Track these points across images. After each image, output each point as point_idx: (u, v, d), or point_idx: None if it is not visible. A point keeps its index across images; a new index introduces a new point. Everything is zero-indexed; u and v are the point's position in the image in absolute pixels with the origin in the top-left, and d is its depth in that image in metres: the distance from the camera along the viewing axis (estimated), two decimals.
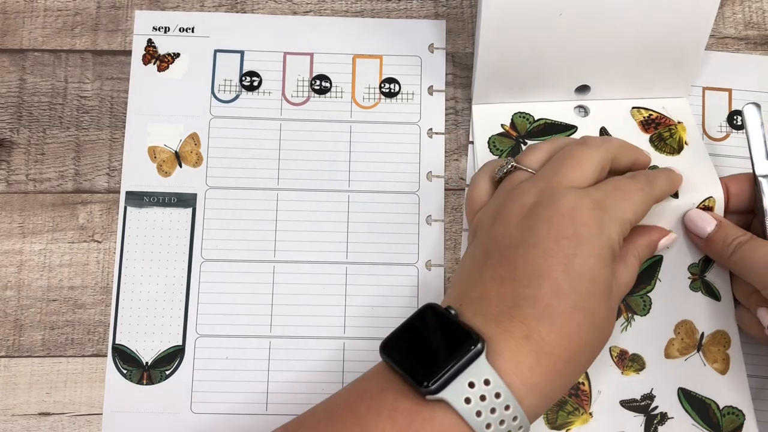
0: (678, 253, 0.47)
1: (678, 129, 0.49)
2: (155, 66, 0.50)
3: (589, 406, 0.45)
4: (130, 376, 0.46)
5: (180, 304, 0.47)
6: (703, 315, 0.46)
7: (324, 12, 0.52)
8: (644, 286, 0.46)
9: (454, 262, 0.48)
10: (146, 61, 0.50)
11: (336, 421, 0.35)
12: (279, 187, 0.49)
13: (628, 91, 0.49)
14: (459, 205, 0.49)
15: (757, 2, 0.53)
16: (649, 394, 0.45)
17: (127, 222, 0.48)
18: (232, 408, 0.46)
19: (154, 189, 0.49)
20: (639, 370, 0.45)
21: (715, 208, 0.46)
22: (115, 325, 0.47)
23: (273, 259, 0.48)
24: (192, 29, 0.51)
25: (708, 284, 0.46)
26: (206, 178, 0.49)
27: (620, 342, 0.46)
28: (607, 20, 0.45)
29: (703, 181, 0.47)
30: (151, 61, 0.50)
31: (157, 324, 0.47)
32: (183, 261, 0.48)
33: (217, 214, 0.48)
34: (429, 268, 0.48)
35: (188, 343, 0.47)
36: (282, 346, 0.47)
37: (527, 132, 0.49)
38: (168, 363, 0.47)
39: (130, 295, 0.47)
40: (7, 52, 0.51)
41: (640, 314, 0.46)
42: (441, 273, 0.48)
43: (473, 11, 0.52)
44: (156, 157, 0.49)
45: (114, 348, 0.47)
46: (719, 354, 0.45)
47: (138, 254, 0.48)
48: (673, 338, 0.46)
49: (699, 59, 0.48)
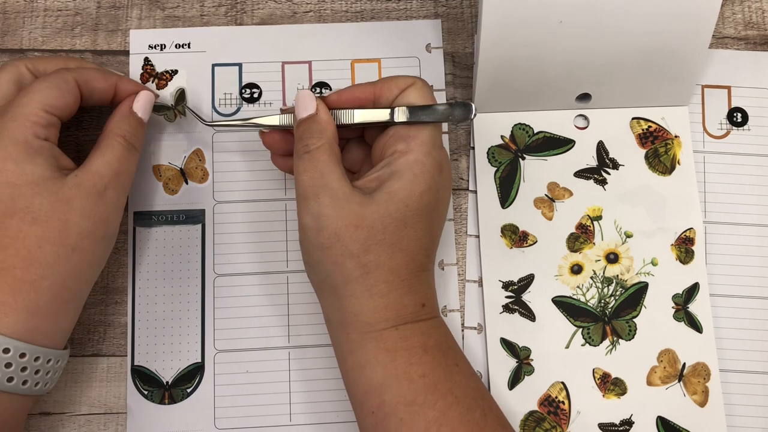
0: (663, 282, 0.48)
1: (674, 144, 0.50)
2: (154, 84, 0.50)
3: (567, 426, 0.46)
4: (151, 396, 0.46)
5: (197, 321, 0.47)
6: (685, 345, 0.47)
7: (324, 12, 0.52)
8: (630, 311, 0.47)
9: (456, 261, 0.49)
10: (144, 80, 0.50)
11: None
12: (287, 198, 0.49)
13: (629, 99, 0.50)
14: (459, 205, 0.50)
15: (756, 2, 0.53)
16: (628, 420, 0.46)
17: (137, 243, 0.48)
18: (257, 421, 0.46)
19: (161, 207, 0.48)
20: (620, 395, 0.46)
21: (696, 240, 0.48)
22: (132, 346, 0.47)
23: (286, 269, 0.48)
24: (188, 45, 0.51)
25: (691, 315, 0.47)
26: (213, 193, 0.49)
27: (604, 365, 0.47)
28: (608, 27, 0.45)
29: (686, 210, 0.49)
30: (150, 80, 0.50)
31: (174, 342, 0.47)
32: (196, 278, 0.48)
33: (227, 228, 0.48)
34: (442, 267, 0.49)
35: (207, 359, 0.47)
36: (301, 356, 0.47)
37: (526, 146, 0.50)
38: (188, 381, 0.47)
39: (145, 315, 0.47)
40: (7, 52, 0.51)
41: (625, 339, 0.47)
42: (455, 271, 0.49)
43: (473, 11, 0.52)
44: (161, 175, 0.49)
45: (133, 370, 0.47)
46: (699, 386, 0.47)
47: (150, 274, 0.48)
48: (655, 366, 0.47)
49: (700, 67, 0.48)
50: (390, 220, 0.39)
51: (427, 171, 0.40)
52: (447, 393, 0.38)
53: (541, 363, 0.47)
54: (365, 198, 0.39)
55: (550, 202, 0.49)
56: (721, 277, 0.48)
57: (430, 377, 0.38)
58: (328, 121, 0.41)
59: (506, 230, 0.48)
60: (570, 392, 0.46)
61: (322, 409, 0.46)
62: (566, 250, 0.48)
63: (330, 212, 0.39)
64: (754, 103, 0.51)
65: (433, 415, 0.37)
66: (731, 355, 0.47)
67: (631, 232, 0.48)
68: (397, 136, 0.41)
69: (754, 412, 0.47)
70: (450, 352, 0.40)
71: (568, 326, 0.47)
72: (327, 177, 0.39)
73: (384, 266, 0.39)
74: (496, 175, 0.49)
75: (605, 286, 0.48)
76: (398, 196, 0.39)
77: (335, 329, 0.40)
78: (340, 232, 0.38)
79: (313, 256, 0.40)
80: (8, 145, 0.39)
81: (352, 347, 0.39)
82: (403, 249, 0.39)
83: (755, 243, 0.49)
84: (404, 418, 0.37)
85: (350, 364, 0.39)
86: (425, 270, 0.41)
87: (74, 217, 0.39)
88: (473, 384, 0.39)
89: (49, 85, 0.41)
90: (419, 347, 0.39)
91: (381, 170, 0.40)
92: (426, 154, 0.40)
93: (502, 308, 0.47)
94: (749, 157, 0.50)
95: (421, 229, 0.40)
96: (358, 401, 0.40)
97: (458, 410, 0.37)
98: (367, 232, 0.38)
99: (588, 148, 0.50)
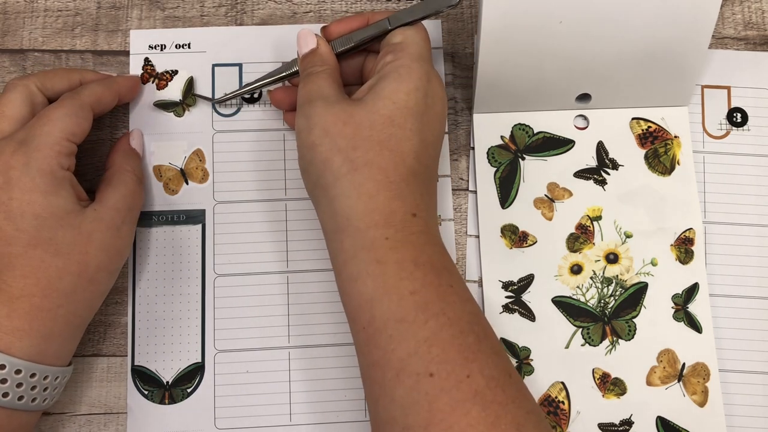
0: (663, 282, 0.48)
1: (673, 144, 0.50)
2: (154, 84, 0.50)
3: (566, 426, 0.46)
4: (151, 396, 0.46)
5: (197, 321, 0.47)
6: (685, 345, 0.47)
7: (324, 12, 0.52)
8: (630, 311, 0.47)
9: (456, 261, 0.49)
10: (144, 80, 0.50)
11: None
12: (287, 198, 0.49)
13: (629, 99, 0.50)
14: (459, 205, 0.50)
15: (756, 2, 0.53)
16: (628, 420, 0.46)
17: (137, 243, 0.48)
18: (257, 421, 0.46)
19: (162, 208, 0.49)
20: (620, 395, 0.46)
21: (696, 240, 0.48)
22: (132, 346, 0.47)
23: (286, 269, 0.48)
24: (188, 45, 0.51)
25: (690, 315, 0.47)
26: (213, 193, 0.49)
27: (604, 365, 0.47)
28: (608, 27, 0.45)
29: (686, 210, 0.49)
30: (150, 80, 0.50)
31: (175, 342, 0.47)
32: (197, 278, 0.48)
33: (227, 228, 0.48)
34: None
35: (207, 359, 0.47)
36: (301, 356, 0.47)
37: (526, 146, 0.50)
38: (189, 381, 0.47)
39: (145, 315, 0.47)
40: (8, 52, 0.51)
41: (625, 339, 0.47)
42: None
43: (473, 11, 0.53)
44: (162, 175, 0.49)
45: (133, 370, 0.47)
46: (698, 386, 0.47)
47: (150, 274, 0.48)
48: (655, 366, 0.47)
49: (700, 66, 0.48)
50: (377, 117, 0.40)
51: (414, 73, 0.41)
52: (439, 313, 0.37)
53: (541, 363, 0.47)
54: (355, 101, 0.41)
55: (549, 202, 0.49)
56: (720, 278, 0.49)
57: (420, 294, 0.37)
58: (329, 52, 0.45)
59: (506, 230, 0.48)
60: (570, 392, 0.46)
61: (322, 409, 0.47)
62: (566, 250, 0.48)
63: (320, 111, 0.41)
64: (753, 103, 0.51)
65: (423, 334, 0.36)
66: (731, 355, 0.47)
67: (630, 233, 0.48)
68: (386, 51, 0.43)
69: (753, 412, 0.47)
70: (444, 272, 0.39)
71: (568, 326, 0.47)
72: (324, 88, 0.42)
73: (372, 164, 0.39)
74: (496, 176, 0.49)
75: (605, 286, 0.48)
76: (384, 92, 0.41)
77: (331, 240, 0.41)
78: (329, 128, 0.40)
79: (305, 158, 0.41)
80: (36, 176, 0.40)
81: (346, 258, 0.39)
82: (391, 148, 0.40)
83: (755, 243, 0.49)
84: (394, 335, 0.37)
85: (344, 277, 0.39)
86: (415, 175, 0.40)
87: (93, 251, 0.41)
88: (469, 308, 0.39)
89: (68, 113, 0.42)
90: (410, 261, 0.38)
91: (371, 81, 0.42)
92: (412, 60, 0.42)
93: (502, 308, 0.48)
94: (749, 158, 0.50)
95: (409, 129, 0.40)
96: (351, 317, 0.39)
97: (450, 332, 0.37)
98: (355, 129, 0.40)
99: (588, 149, 0.50)
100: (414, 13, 0.44)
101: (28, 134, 0.41)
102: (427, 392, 0.35)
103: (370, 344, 0.38)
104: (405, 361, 0.36)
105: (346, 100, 0.42)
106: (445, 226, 0.49)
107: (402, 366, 0.36)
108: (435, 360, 0.36)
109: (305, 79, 0.43)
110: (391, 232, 0.39)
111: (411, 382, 0.36)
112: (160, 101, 0.50)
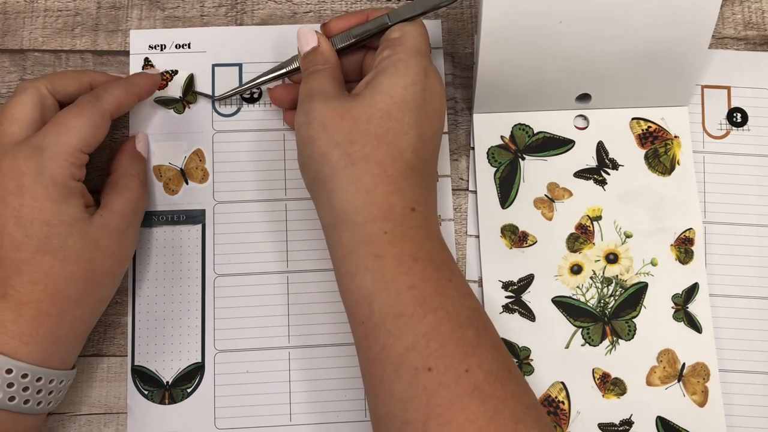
0: (663, 282, 0.48)
1: (673, 144, 0.50)
2: None
3: (566, 426, 0.46)
4: (151, 396, 0.46)
5: (197, 321, 0.47)
6: (685, 345, 0.47)
7: (324, 13, 0.52)
8: (630, 311, 0.47)
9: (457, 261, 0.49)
10: None
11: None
12: (287, 198, 0.49)
13: (629, 99, 0.50)
14: (459, 205, 0.50)
15: (756, 2, 0.53)
16: (628, 420, 0.46)
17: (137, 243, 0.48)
18: (257, 421, 0.46)
19: (162, 208, 0.49)
20: (620, 395, 0.46)
21: (696, 240, 0.48)
22: (132, 346, 0.47)
23: (286, 269, 0.48)
24: (188, 45, 0.51)
25: (690, 315, 0.47)
26: (213, 193, 0.49)
27: (604, 365, 0.47)
28: (607, 27, 0.45)
29: (686, 210, 0.49)
30: None
31: (175, 342, 0.47)
32: (197, 278, 0.48)
33: (227, 228, 0.49)
34: None
35: (207, 359, 0.47)
36: (301, 356, 0.47)
37: (526, 146, 0.50)
38: (189, 381, 0.47)
39: (145, 315, 0.47)
40: (8, 52, 0.51)
41: (625, 339, 0.47)
42: None
43: (473, 11, 0.53)
44: (162, 175, 0.49)
45: (133, 370, 0.47)
46: (698, 386, 0.47)
47: (150, 274, 0.48)
48: (655, 366, 0.47)
49: (700, 66, 0.48)
50: (374, 110, 0.40)
51: (411, 68, 0.41)
52: (438, 308, 0.37)
53: (541, 363, 0.47)
54: (353, 96, 0.41)
55: (549, 202, 0.49)
56: (720, 278, 0.49)
57: (419, 289, 0.37)
58: (330, 50, 0.45)
59: (506, 230, 0.49)
60: (570, 392, 0.46)
61: (322, 409, 0.47)
62: (566, 250, 0.48)
63: (319, 107, 0.41)
64: (753, 103, 0.51)
65: (421, 329, 0.36)
66: (731, 355, 0.48)
67: (630, 233, 0.48)
68: (384, 46, 0.43)
69: (753, 412, 0.47)
70: (444, 266, 0.39)
71: (568, 326, 0.47)
72: (324, 85, 0.42)
73: (369, 158, 0.39)
74: (496, 176, 0.49)
75: (605, 286, 0.48)
76: (381, 87, 0.41)
77: (329, 235, 0.41)
78: (327, 123, 0.40)
79: (304, 153, 0.41)
80: (49, 184, 0.40)
81: (345, 253, 0.39)
82: (389, 142, 0.40)
83: (755, 243, 0.49)
84: (392, 330, 0.37)
85: (343, 272, 0.39)
86: (414, 169, 0.40)
87: (100, 257, 0.41)
88: (468, 302, 0.38)
89: (87, 123, 0.42)
90: (408, 256, 0.38)
91: (369, 76, 0.42)
92: (410, 55, 0.42)
93: (502, 308, 0.48)
94: (749, 158, 0.50)
95: (407, 123, 0.40)
96: (350, 312, 0.39)
97: (449, 326, 0.37)
98: (352, 123, 0.40)
99: (588, 149, 0.50)
100: (413, 9, 0.44)
101: (43, 141, 0.41)
102: (425, 387, 0.35)
103: (369, 339, 0.38)
104: (403, 356, 0.36)
105: (345, 95, 0.42)
106: (445, 226, 0.49)
107: (400, 361, 0.36)
108: (433, 354, 0.36)
109: (307, 77, 0.43)
110: (389, 227, 0.38)
111: (409, 377, 0.36)
112: (161, 98, 0.50)
